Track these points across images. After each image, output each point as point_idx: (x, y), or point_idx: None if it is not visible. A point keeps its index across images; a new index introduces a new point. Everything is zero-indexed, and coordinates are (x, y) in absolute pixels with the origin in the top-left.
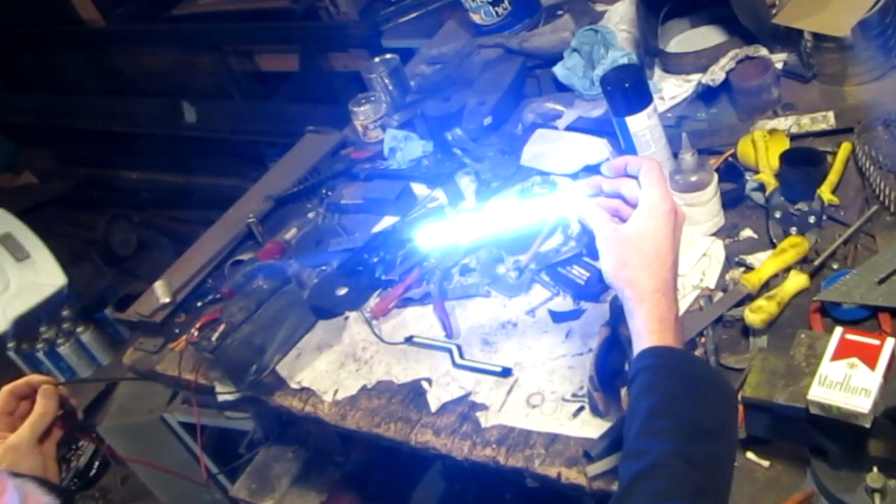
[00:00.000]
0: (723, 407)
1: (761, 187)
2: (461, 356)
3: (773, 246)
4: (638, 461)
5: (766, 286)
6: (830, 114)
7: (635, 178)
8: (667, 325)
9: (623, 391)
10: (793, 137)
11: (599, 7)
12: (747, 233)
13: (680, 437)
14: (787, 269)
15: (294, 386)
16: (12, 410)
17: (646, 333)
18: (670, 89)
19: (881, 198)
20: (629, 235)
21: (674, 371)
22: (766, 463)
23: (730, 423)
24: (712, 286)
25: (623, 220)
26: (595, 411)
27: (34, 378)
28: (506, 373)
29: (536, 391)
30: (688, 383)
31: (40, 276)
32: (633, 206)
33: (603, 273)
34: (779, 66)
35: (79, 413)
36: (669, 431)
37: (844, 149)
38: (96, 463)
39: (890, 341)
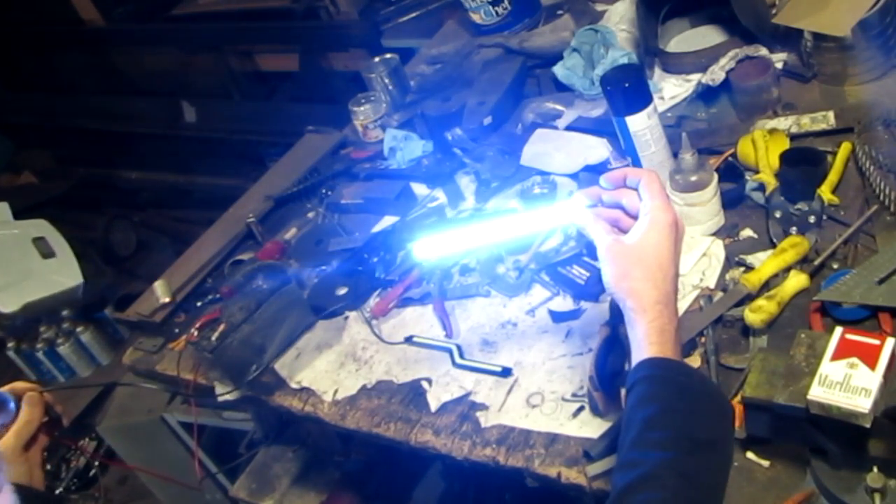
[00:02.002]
0: (719, 420)
1: (761, 187)
2: (461, 356)
3: (773, 246)
4: (631, 472)
5: (766, 286)
6: (830, 114)
7: (635, 189)
8: (667, 336)
9: (623, 391)
10: (793, 137)
11: (599, 7)
12: (747, 233)
13: (674, 449)
14: (787, 269)
15: (294, 386)
16: None
17: (646, 344)
18: (670, 89)
19: (881, 198)
20: (631, 247)
21: (671, 383)
22: (766, 463)
23: (725, 436)
24: (712, 286)
25: (622, 231)
26: (595, 411)
27: (18, 385)
28: (506, 373)
29: (536, 391)
30: (685, 396)
31: (59, 273)
32: (634, 216)
33: (604, 283)
34: (779, 65)
35: (64, 420)
36: (664, 443)
37: (844, 149)
38: (96, 463)
39: (890, 341)
